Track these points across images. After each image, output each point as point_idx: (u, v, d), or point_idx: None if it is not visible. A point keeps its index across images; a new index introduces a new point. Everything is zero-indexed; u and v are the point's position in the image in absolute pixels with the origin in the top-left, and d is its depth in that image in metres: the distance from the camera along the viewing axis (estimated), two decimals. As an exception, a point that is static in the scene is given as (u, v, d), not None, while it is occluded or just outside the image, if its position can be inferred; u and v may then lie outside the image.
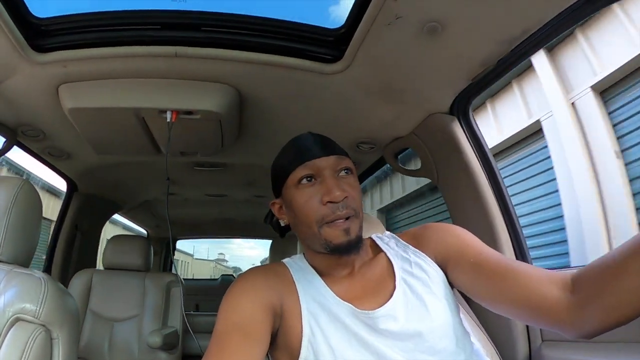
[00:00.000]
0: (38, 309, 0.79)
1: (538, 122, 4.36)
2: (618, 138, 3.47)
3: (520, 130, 4.59)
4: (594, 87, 3.56)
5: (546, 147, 4.15)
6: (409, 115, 1.38)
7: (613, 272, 0.55)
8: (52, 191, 7.42)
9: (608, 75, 3.43)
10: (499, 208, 1.29)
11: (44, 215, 1.02)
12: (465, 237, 0.78)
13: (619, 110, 3.46)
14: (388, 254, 0.79)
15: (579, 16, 0.94)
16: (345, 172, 0.75)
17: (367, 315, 0.69)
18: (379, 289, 0.74)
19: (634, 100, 3.32)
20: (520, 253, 1.27)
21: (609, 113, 3.53)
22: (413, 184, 6.68)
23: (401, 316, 0.69)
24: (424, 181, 5.89)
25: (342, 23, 1.06)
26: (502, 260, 0.70)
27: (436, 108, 1.32)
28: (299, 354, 0.68)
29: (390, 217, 8.13)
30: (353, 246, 0.72)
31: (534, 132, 4.48)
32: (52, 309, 0.80)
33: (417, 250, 0.79)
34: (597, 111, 3.53)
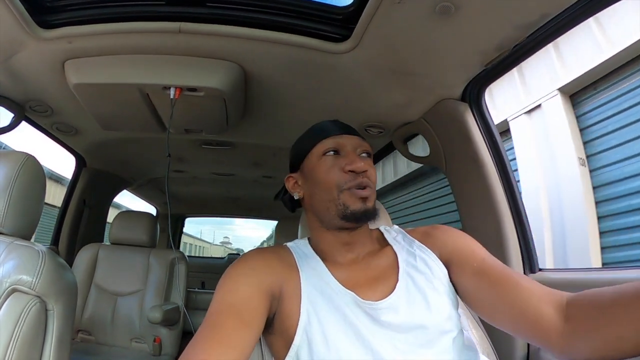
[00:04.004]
0: (34, 280, 0.79)
1: (505, 121, 4.01)
2: (585, 143, 3.28)
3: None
4: (562, 90, 3.37)
5: (512, 148, 3.86)
6: (419, 99, 1.34)
7: (606, 313, 0.55)
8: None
9: (576, 78, 3.26)
10: (506, 200, 1.27)
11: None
12: (471, 244, 0.78)
13: (588, 114, 3.27)
14: (394, 247, 0.79)
15: (601, 4, 0.89)
16: (365, 155, 0.78)
17: (371, 305, 0.69)
18: (382, 279, 0.73)
19: (604, 104, 3.14)
20: (526, 248, 1.25)
21: (577, 117, 3.34)
22: (404, 168, 6.32)
23: (403, 309, 0.69)
24: (416, 165, 5.67)
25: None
26: (506, 271, 0.71)
27: (447, 93, 1.28)
28: (293, 340, 0.67)
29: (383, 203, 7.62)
30: (369, 215, 0.73)
31: (502, 132, 3.99)
32: (48, 281, 0.81)
33: (423, 245, 0.79)
34: (564, 114, 3.31)
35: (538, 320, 0.62)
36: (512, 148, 3.73)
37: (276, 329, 0.71)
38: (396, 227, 0.88)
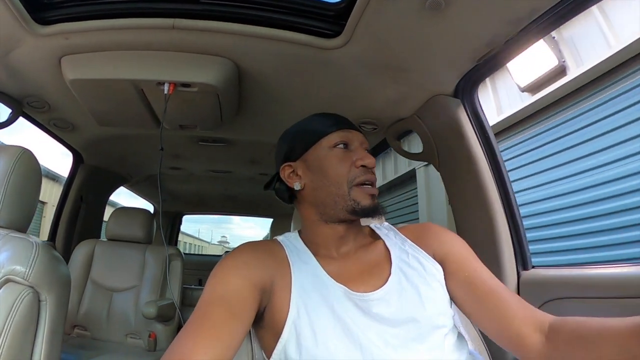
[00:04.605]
0: (27, 270, 0.80)
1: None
2: None
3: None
4: None
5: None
6: (412, 95, 1.34)
7: (587, 344, 0.58)
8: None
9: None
10: (499, 196, 1.27)
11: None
12: (465, 251, 0.79)
13: None
14: (386, 242, 0.79)
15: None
16: (367, 152, 0.79)
17: (361, 297, 0.69)
18: (374, 273, 0.74)
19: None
20: (519, 245, 1.25)
21: None
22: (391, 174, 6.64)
23: (394, 302, 0.69)
24: (403, 169, 6.09)
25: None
26: (494, 287, 0.73)
27: (440, 89, 1.28)
28: (281, 334, 0.68)
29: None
30: (377, 211, 0.75)
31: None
32: (41, 272, 0.82)
33: (415, 245, 0.79)
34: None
35: (519, 339, 0.66)
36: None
37: (266, 322, 0.71)
38: (386, 224, 0.88)
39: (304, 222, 0.81)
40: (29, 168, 0.95)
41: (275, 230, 2.32)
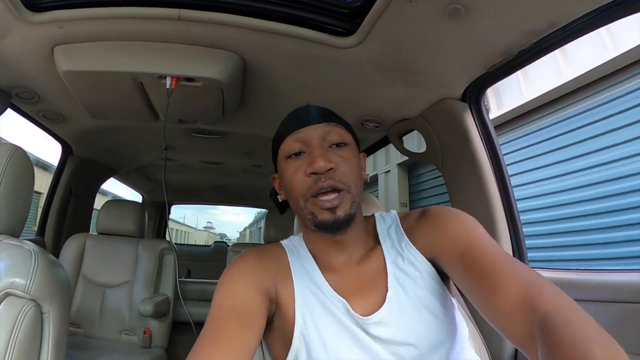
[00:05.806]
0: (28, 283, 0.76)
1: (376, 174, 6.98)
2: (410, 193, 6.42)
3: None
4: (399, 164, 6.48)
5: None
6: (420, 97, 1.33)
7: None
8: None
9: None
10: (500, 200, 1.28)
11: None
12: (458, 232, 0.68)
13: (416, 177, 6.39)
14: (383, 246, 0.74)
15: (609, 18, 0.89)
16: (337, 145, 0.70)
17: (360, 319, 0.67)
18: (372, 287, 0.70)
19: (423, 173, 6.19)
20: (518, 248, 1.27)
21: (409, 178, 6.48)
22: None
23: (393, 324, 0.66)
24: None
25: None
26: (490, 272, 0.60)
27: (448, 93, 1.28)
28: (291, 343, 0.67)
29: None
30: (340, 225, 0.67)
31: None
32: (42, 283, 0.77)
33: (410, 243, 0.73)
34: (396, 176, 6.51)
35: (506, 326, 0.56)
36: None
37: (275, 328, 0.71)
38: (393, 213, 0.81)
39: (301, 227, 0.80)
40: (21, 167, 0.89)
41: (269, 223, 2.30)
